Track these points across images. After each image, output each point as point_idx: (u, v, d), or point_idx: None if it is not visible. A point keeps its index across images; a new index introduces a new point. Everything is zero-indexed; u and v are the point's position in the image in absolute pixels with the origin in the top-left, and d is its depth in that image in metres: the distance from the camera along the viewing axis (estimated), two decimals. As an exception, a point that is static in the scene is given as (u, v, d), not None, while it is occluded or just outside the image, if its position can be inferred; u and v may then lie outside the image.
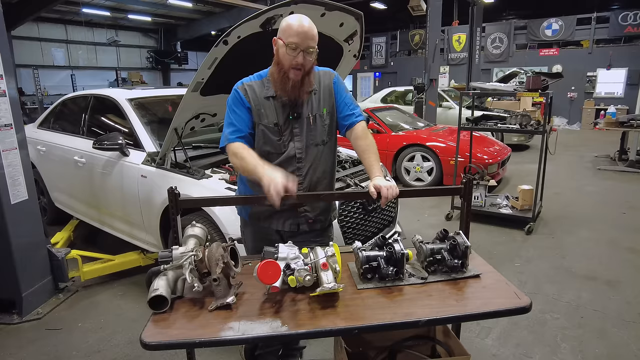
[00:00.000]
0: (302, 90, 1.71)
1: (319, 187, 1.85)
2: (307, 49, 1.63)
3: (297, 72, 1.65)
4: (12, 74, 2.87)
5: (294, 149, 1.77)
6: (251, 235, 1.97)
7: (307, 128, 1.77)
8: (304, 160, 1.78)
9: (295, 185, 1.54)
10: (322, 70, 1.86)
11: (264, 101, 1.75)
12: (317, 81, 1.81)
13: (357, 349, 1.86)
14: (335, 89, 1.83)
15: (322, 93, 1.81)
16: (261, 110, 1.74)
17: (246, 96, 1.75)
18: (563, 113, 14.29)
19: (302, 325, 1.29)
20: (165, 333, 1.27)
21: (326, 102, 1.80)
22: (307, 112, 1.77)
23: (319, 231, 1.93)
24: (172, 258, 1.43)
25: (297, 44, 1.61)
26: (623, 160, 7.55)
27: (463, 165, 5.16)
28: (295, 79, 1.66)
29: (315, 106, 1.79)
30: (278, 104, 1.75)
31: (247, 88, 1.76)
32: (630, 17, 13.13)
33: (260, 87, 1.76)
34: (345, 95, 1.85)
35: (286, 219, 1.84)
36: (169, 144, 2.91)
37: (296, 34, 1.61)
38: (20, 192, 2.90)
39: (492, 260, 3.63)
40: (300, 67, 1.64)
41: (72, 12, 14.70)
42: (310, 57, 1.66)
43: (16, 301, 2.92)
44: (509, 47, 15.03)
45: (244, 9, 12.90)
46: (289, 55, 1.63)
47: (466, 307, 1.38)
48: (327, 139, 1.83)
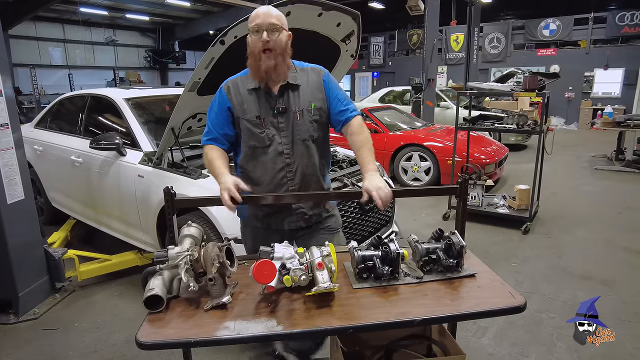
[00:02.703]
0: (278, 73, 1.71)
1: (311, 184, 1.84)
2: (269, 28, 1.65)
3: (269, 53, 1.66)
4: (9, 73, 2.87)
5: (280, 144, 1.77)
6: (251, 235, 1.97)
7: (294, 123, 1.77)
8: (292, 156, 1.78)
9: (243, 185, 1.64)
10: (310, 66, 1.86)
11: (246, 95, 1.77)
12: (304, 76, 1.81)
13: (353, 349, 1.86)
14: (325, 85, 1.82)
15: (310, 88, 1.80)
16: (244, 105, 1.77)
17: (228, 94, 1.78)
18: (560, 113, 14.32)
19: (297, 324, 1.30)
20: (160, 333, 1.27)
21: (315, 97, 1.80)
22: (294, 107, 1.77)
23: (319, 224, 1.93)
24: (168, 258, 1.43)
25: (258, 25, 1.65)
26: (620, 160, 7.58)
27: (460, 165, 5.17)
28: (267, 63, 1.67)
29: (302, 101, 1.78)
30: (260, 96, 1.76)
31: (230, 86, 1.80)
32: (627, 17, 13.16)
33: (244, 81, 1.79)
34: (337, 91, 1.84)
35: (283, 218, 1.85)
36: (165, 144, 2.91)
37: (256, 17, 1.67)
38: (17, 192, 2.89)
39: (489, 259, 3.65)
40: (269, 47, 1.66)
41: (69, 12, 14.63)
42: (275, 36, 1.66)
43: (13, 301, 2.91)
44: (506, 47, 15.04)
45: (242, 9, 12.88)
46: (255, 38, 1.66)
47: (461, 307, 1.39)
48: (316, 135, 1.81)
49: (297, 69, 1.81)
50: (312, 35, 2.49)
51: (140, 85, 13.62)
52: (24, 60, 14.79)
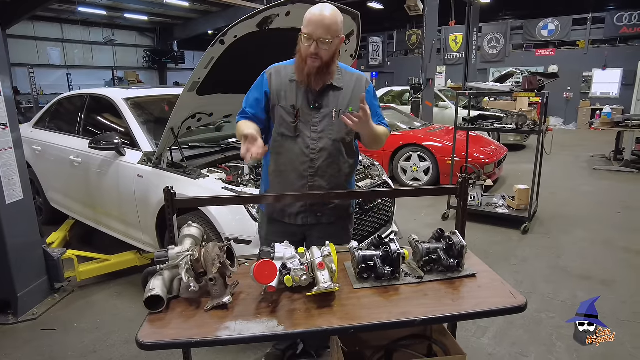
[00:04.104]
0: (318, 79, 1.74)
1: (332, 184, 1.87)
2: (320, 39, 1.65)
3: (314, 60, 1.69)
4: (8, 73, 2.86)
5: (309, 138, 1.80)
6: (266, 226, 2.02)
7: (328, 121, 1.80)
8: (317, 152, 1.81)
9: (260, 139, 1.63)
10: (359, 73, 1.91)
11: (287, 84, 1.80)
12: (348, 80, 1.84)
13: (354, 349, 1.86)
14: (367, 95, 1.84)
15: (352, 93, 1.83)
16: (282, 92, 1.80)
17: (269, 80, 1.82)
18: (559, 113, 14.35)
19: (298, 324, 1.29)
20: (161, 333, 1.27)
21: (354, 102, 1.81)
22: (332, 106, 1.80)
23: (333, 222, 1.96)
24: (169, 258, 1.43)
25: (309, 34, 1.66)
26: (618, 160, 7.60)
27: (460, 165, 5.17)
28: (312, 66, 1.69)
29: (340, 102, 1.81)
30: (300, 88, 1.79)
31: (273, 72, 1.83)
32: (625, 17, 13.20)
33: (287, 70, 1.82)
34: (377, 106, 1.92)
35: (297, 213, 1.90)
36: (165, 144, 2.91)
37: (310, 24, 1.66)
38: (16, 192, 2.89)
39: (488, 259, 3.64)
40: (316, 56, 1.67)
41: (68, 11, 14.60)
42: (325, 47, 1.67)
43: (11, 301, 2.90)
44: (505, 47, 15.07)
45: (240, 9, 12.87)
46: (305, 45, 1.68)
47: (462, 307, 1.39)
48: (348, 139, 1.86)
49: (342, 72, 1.85)
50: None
51: (139, 85, 13.58)
52: (22, 60, 14.75)
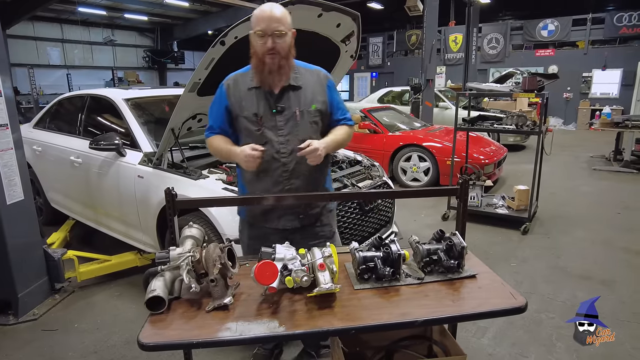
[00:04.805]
0: (281, 75, 1.72)
1: (309, 185, 1.85)
2: (274, 32, 1.64)
3: (273, 56, 1.66)
4: (8, 74, 2.86)
5: (277, 143, 1.77)
6: (247, 232, 1.99)
7: (293, 123, 1.77)
8: (288, 156, 1.78)
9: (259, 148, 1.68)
10: (315, 68, 1.87)
11: (245, 93, 1.77)
12: (306, 78, 1.81)
13: (354, 349, 1.86)
14: (328, 90, 1.84)
15: (312, 90, 1.80)
16: (242, 102, 1.77)
17: (227, 91, 1.80)
18: (559, 113, 14.35)
19: (299, 325, 1.30)
20: (162, 334, 1.27)
21: (316, 99, 1.80)
22: (294, 107, 1.77)
23: (314, 225, 1.94)
24: (170, 259, 1.43)
25: (263, 30, 1.64)
26: (618, 161, 7.60)
27: (459, 165, 5.17)
28: (272, 62, 1.67)
29: (302, 101, 1.78)
30: (259, 94, 1.76)
31: (230, 83, 1.81)
32: (625, 18, 13.20)
33: (245, 78, 1.79)
34: (339, 100, 1.89)
35: (279, 217, 1.87)
36: (165, 144, 2.91)
37: (261, 21, 1.65)
38: (16, 193, 2.89)
39: (488, 260, 3.65)
40: (274, 51, 1.65)
41: (67, 11, 14.59)
42: (281, 40, 1.66)
43: (12, 302, 2.90)
44: (505, 47, 15.07)
45: (240, 9, 12.88)
46: (260, 42, 1.66)
47: (462, 307, 1.39)
48: (315, 137, 1.80)
49: (300, 70, 1.81)
50: (312, 35, 2.49)
51: (139, 86, 13.59)
52: (22, 60, 14.74)
